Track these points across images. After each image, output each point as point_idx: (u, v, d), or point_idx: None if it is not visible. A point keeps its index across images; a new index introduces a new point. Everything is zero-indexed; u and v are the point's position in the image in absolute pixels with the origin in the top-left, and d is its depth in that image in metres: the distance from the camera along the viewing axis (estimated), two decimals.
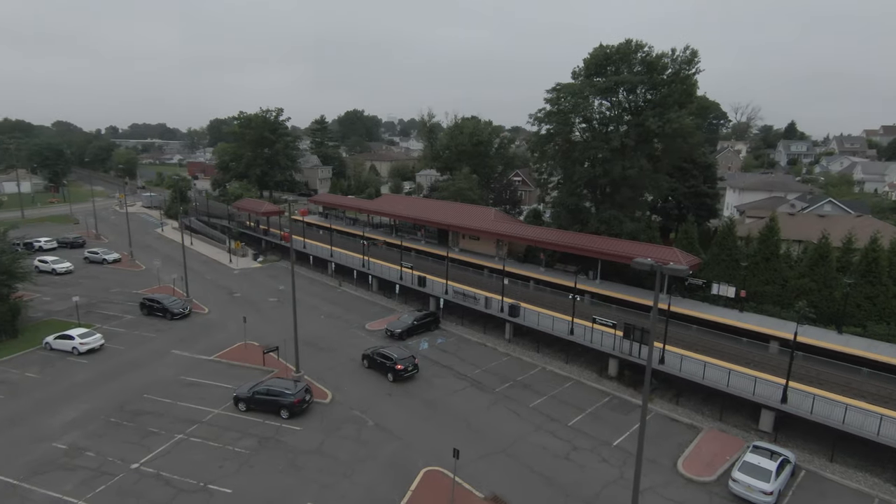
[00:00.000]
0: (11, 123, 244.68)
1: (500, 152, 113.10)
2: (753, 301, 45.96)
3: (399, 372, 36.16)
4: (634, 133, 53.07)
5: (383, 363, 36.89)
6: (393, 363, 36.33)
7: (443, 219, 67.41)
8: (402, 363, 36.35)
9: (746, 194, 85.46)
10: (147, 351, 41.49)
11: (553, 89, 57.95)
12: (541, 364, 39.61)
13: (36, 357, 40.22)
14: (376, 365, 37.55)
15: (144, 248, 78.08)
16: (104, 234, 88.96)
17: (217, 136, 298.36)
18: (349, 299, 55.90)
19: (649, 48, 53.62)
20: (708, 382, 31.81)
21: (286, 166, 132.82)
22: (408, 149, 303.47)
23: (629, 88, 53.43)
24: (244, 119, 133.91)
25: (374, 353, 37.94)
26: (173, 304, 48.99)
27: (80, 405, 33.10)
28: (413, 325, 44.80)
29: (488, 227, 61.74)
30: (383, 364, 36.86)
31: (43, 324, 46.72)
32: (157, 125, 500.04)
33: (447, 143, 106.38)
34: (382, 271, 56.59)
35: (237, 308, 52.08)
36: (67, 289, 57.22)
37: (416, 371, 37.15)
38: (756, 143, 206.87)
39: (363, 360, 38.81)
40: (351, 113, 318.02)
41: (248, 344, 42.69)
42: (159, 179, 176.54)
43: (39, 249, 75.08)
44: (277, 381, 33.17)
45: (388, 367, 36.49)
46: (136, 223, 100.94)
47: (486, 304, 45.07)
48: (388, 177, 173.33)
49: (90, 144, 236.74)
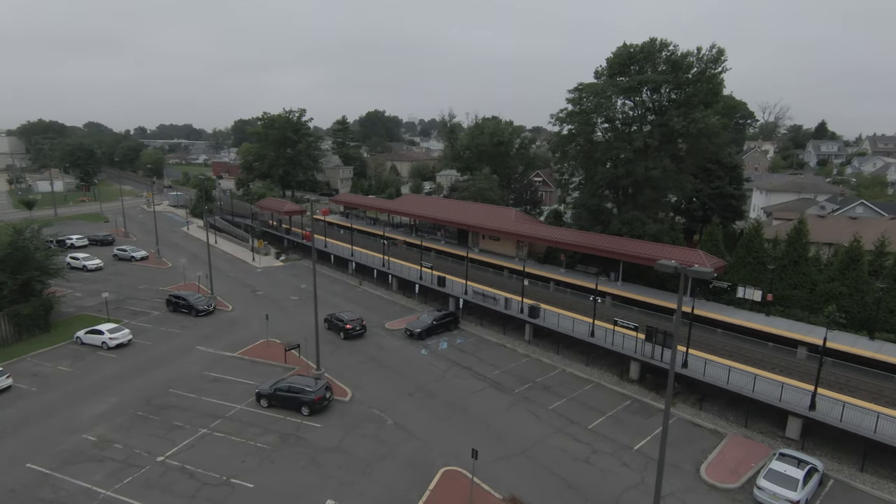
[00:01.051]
0: (45, 124, 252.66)
1: (521, 153, 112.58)
2: (781, 305, 44.87)
3: (349, 331, 44.36)
4: (658, 133, 52.32)
5: (337, 324, 45.03)
6: (344, 324, 44.53)
7: (463, 219, 67.42)
8: (352, 324, 44.58)
9: (774, 195, 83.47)
10: (173, 347, 42.46)
11: (575, 89, 57.49)
12: (561, 366, 39.33)
13: (67, 351, 41.51)
14: (333, 326, 45.71)
15: (171, 246, 79.89)
16: (132, 232, 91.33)
17: (241, 136, 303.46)
18: (369, 298, 56.31)
19: (674, 47, 52.84)
20: (733, 387, 31.18)
21: (308, 166, 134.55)
22: (428, 149, 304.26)
23: (653, 88, 52.71)
24: (267, 120, 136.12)
25: (332, 317, 46.24)
26: (198, 301, 50.01)
27: (109, 398, 34.03)
28: (432, 325, 44.91)
29: (508, 228, 61.54)
30: (337, 325, 45.03)
31: (74, 318, 48.17)
32: (183, 126, 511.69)
33: (467, 143, 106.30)
34: (402, 271, 56.88)
35: (260, 306, 52.91)
36: (97, 285, 58.87)
37: (364, 331, 45.23)
38: (784, 143, 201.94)
39: (325, 323, 46.21)
40: (372, 113, 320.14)
41: (270, 341, 43.34)
42: (185, 179, 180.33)
43: (71, 246, 77.42)
44: (299, 378, 33.60)
45: (341, 327, 44.68)
46: (162, 222, 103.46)
47: (506, 305, 44.93)
48: (409, 177, 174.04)
49: (119, 144, 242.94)
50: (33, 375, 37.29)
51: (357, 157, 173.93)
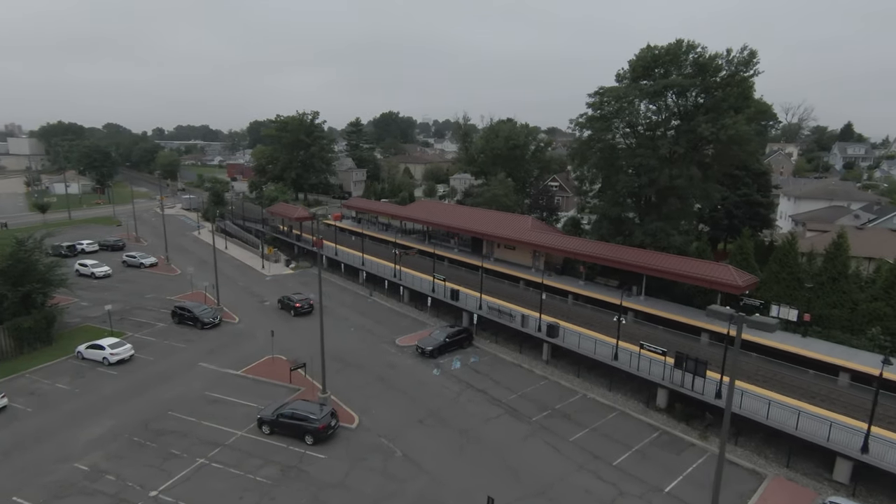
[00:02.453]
0: (64, 126, 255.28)
1: (537, 156, 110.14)
2: (818, 325, 41.86)
3: (298, 309, 51.37)
4: (684, 140, 49.50)
5: (287, 303, 52.35)
6: (293, 303, 51.74)
7: (477, 227, 65.15)
8: (301, 303, 51.67)
9: (803, 203, 79.81)
10: (175, 363, 40.88)
11: (595, 93, 54.86)
12: (581, 390, 36.90)
13: (68, 366, 40.15)
14: (284, 305, 52.94)
15: (181, 252, 78.86)
16: (144, 237, 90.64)
17: (256, 137, 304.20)
18: (380, 310, 54.33)
19: (702, 49, 49.98)
20: (773, 423, 28.53)
21: (321, 169, 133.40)
22: (442, 150, 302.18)
23: (679, 92, 49.88)
24: (280, 122, 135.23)
25: (284, 298, 53.32)
26: (204, 313, 48.49)
27: (106, 421, 32.46)
28: (445, 342, 42.75)
29: (525, 238, 59.13)
30: (288, 304, 52.28)
31: (78, 330, 46.93)
32: (200, 127, 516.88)
33: (482, 146, 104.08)
34: (414, 282, 54.79)
35: (266, 318, 51.25)
36: (104, 293, 57.74)
37: (312, 309, 51.63)
38: (808, 145, 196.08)
39: (278, 303, 53.96)
40: (386, 115, 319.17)
41: (275, 358, 41.58)
42: (199, 181, 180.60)
43: (82, 252, 76.79)
44: (302, 403, 31.67)
45: (290, 306, 51.91)
46: (174, 225, 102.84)
47: (523, 323, 42.59)
48: (422, 179, 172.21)
49: (136, 146, 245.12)
50: (30, 394, 35.92)
51: (370, 160, 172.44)
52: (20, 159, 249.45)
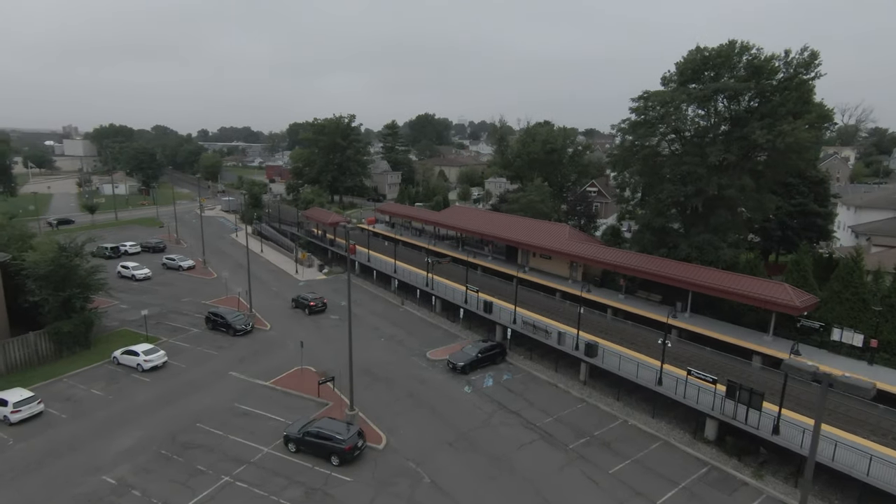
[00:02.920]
0: (115, 128, 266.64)
1: (575, 160, 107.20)
2: (887, 352, 38.25)
3: (312, 308, 53.82)
4: (736, 147, 46.40)
5: (302, 302, 54.73)
6: (308, 302, 54.26)
7: (512, 235, 63.31)
8: (315, 302, 54.28)
9: (864, 213, 74.28)
10: (206, 371, 40.83)
11: (640, 97, 52.33)
12: (622, 416, 34.70)
13: (103, 372, 40.65)
14: (298, 304, 55.26)
15: (218, 254, 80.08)
16: (184, 239, 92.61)
17: (295, 139, 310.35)
18: (411, 320, 53.25)
19: (758, 50, 46.77)
20: (840, 466, 25.78)
21: (356, 172, 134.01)
22: (477, 153, 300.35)
23: (731, 96, 46.80)
24: (317, 126, 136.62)
25: (298, 297, 55.86)
26: (236, 319, 48.52)
27: (136, 432, 32.42)
28: (477, 357, 41.24)
29: (562, 248, 56.95)
30: (303, 303, 54.60)
31: (115, 334, 47.71)
32: (242, 128, 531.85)
33: (518, 150, 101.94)
34: (447, 292, 53.45)
35: (298, 324, 50.98)
36: (143, 297, 58.85)
37: (325, 307, 54.85)
38: (866, 148, 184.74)
39: (292, 302, 56.34)
40: (422, 117, 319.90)
41: (304, 369, 40.99)
42: (239, 183, 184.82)
43: (125, 254, 78.94)
44: (329, 422, 30.75)
45: (305, 304, 54.34)
46: (213, 227, 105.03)
47: (560, 340, 40.62)
48: (457, 182, 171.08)
49: (181, 148, 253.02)
50: (67, 399, 36.41)
51: (405, 163, 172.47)
52: (74, 160, 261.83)
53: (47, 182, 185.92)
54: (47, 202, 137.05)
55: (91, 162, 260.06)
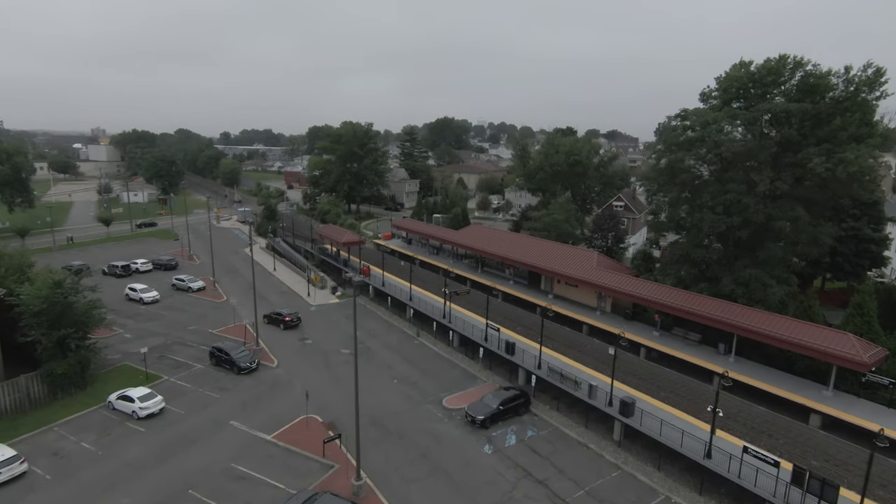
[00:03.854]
0: (138, 134, 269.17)
1: (600, 170, 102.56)
2: None
3: (287, 323, 55.04)
4: (789, 174, 41.77)
5: (276, 318, 55.68)
6: (283, 317, 55.15)
7: (536, 261, 59.32)
8: (290, 317, 55.46)
9: None
10: (206, 419, 37.85)
11: (677, 116, 48.00)
12: (664, 490, 30.53)
13: (97, 419, 37.97)
14: (272, 321, 56.12)
15: (230, 273, 77.79)
16: (197, 254, 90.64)
17: (314, 142, 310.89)
18: (427, 356, 49.69)
19: (813, 66, 42.02)
20: None
21: (373, 182, 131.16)
22: (497, 156, 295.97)
23: (782, 118, 42.12)
24: (334, 135, 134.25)
25: (272, 313, 56.69)
26: (241, 357, 45.59)
27: (122, 499, 29.47)
28: (498, 410, 37.42)
29: (590, 278, 52.79)
30: (277, 319, 55.69)
31: (115, 371, 45.20)
32: (263, 131, 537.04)
33: (541, 162, 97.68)
34: (465, 327, 49.72)
35: (307, 360, 47.92)
36: (149, 324, 56.56)
37: (300, 322, 56.22)
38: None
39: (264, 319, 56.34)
40: (441, 121, 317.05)
41: (309, 419, 37.73)
42: (257, 189, 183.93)
43: (136, 272, 77.09)
44: (332, 500, 27.32)
45: (279, 320, 55.42)
46: (227, 241, 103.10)
47: (590, 393, 36.58)
48: (476, 190, 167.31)
49: (202, 153, 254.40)
50: (54, 454, 33.72)
51: (424, 170, 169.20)
52: (98, 165, 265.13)
53: (70, 188, 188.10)
54: (66, 211, 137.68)
55: (115, 167, 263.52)
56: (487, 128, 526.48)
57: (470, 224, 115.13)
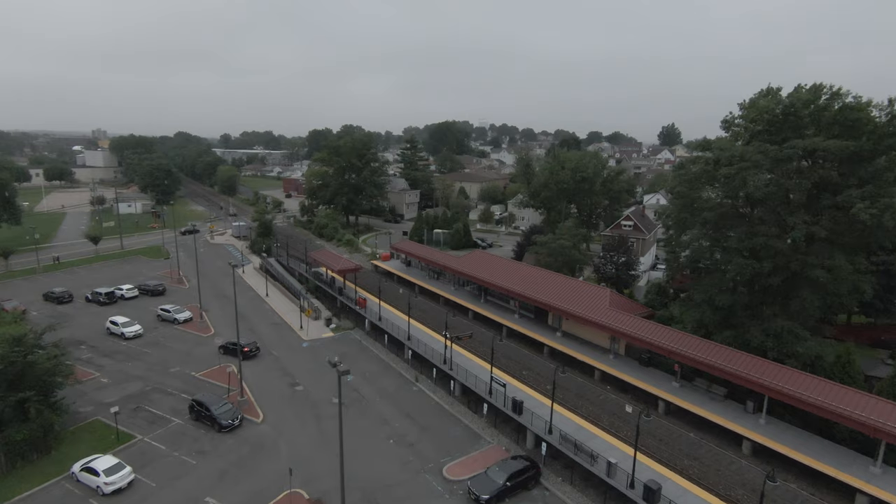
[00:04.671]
0: (136, 139, 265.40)
1: (607, 185, 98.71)
2: None
3: (246, 353, 52.54)
4: (827, 219, 37.70)
5: (232, 348, 53.14)
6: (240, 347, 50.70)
7: (542, 296, 55.31)
8: (249, 347, 53.56)
9: None
10: (179, 495, 33.94)
11: (700, 145, 44.05)
12: None
13: (57, 494, 34.07)
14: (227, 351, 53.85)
15: (220, 299, 74.00)
16: (187, 275, 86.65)
17: (315, 146, 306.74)
18: (426, 408, 45.72)
19: (854, 99, 37.98)
20: None
21: (373, 194, 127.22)
22: (500, 161, 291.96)
23: (823, 158, 38.03)
24: (332, 147, 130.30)
25: (228, 343, 54.37)
26: (223, 413, 41.65)
27: None
28: (505, 486, 33.43)
29: (602, 319, 48.80)
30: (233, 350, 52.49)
31: (85, 428, 41.33)
32: (264, 133, 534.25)
33: (546, 179, 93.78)
34: (468, 377, 45.72)
35: (295, 413, 44.06)
36: (129, 364, 52.82)
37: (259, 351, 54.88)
38: None
39: (220, 349, 55.05)
40: (442, 125, 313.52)
41: (293, 494, 33.81)
42: (255, 199, 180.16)
43: (121, 298, 73.32)
44: None
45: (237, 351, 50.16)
46: (220, 259, 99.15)
47: (609, 471, 32.59)
48: (478, 199, 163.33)
49: (199, 159, 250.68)
50: None
51: (424, 180, 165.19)
52: (95, 171, 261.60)
53: (64, 197, 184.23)
54: (57, 224, 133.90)
55: (111, 173, 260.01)
56: (489, 129, 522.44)
57: (471, 237, 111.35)
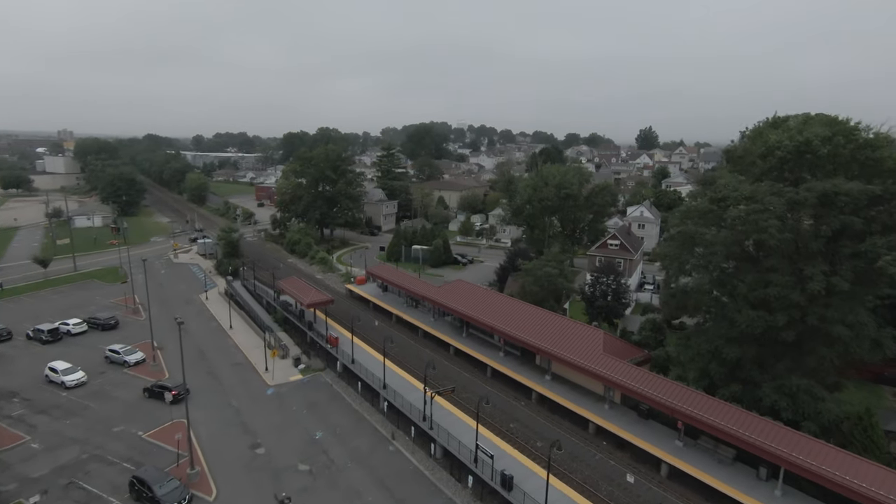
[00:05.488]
0: (99, 143, 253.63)
1: (591, 199, 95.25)
2: None
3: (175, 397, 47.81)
4: (847, 269, 33.98)
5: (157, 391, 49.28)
6: (169, 389, 48.12)
7: (532, 337, 50.86)
8: (177, 390, 48.08)
9: None
10: None
11: (703, 181, 40.04)
12: None
13: None
14: (153, 394, 49.77)
15: None
16: (144, 303, 79.73)
17: (290, 150, 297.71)
18: (404, 474, 40.73)
19: (875, 133, 34.36)
20: None
21: (347, 207, 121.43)
22: (479, 165, 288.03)
23: (844, 203, 34.16)
24: (304, 157, 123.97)
25: (153, 386, 50.02)
26: (168, 495, 35.88)
27: None
28: None
29: (596, 368, 44.56)
30: (159, 393, 49.17)
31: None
32: (238, 134, 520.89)
33: (529, 196, 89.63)
34: (451, 441, 40.86)
35: (255, 485, 38.64)
36: (67, 422, 46.81)
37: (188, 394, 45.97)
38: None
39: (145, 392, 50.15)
40: (420, 128, 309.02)
41: None
42: (224, 209, 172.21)
43: (67, 334, 66.57)
44: None
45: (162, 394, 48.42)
46: (182, 282, 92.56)
47: None
48: (458, 208, 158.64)
49: (168, 165, 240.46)
50: None
51: (402, 190, 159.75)
52: (56, 178, 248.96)
53: (19, 209, 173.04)
54: (9, 240, 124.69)
55: (74, 179, 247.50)
56: (468, 131, 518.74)
57: (451, 253, 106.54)
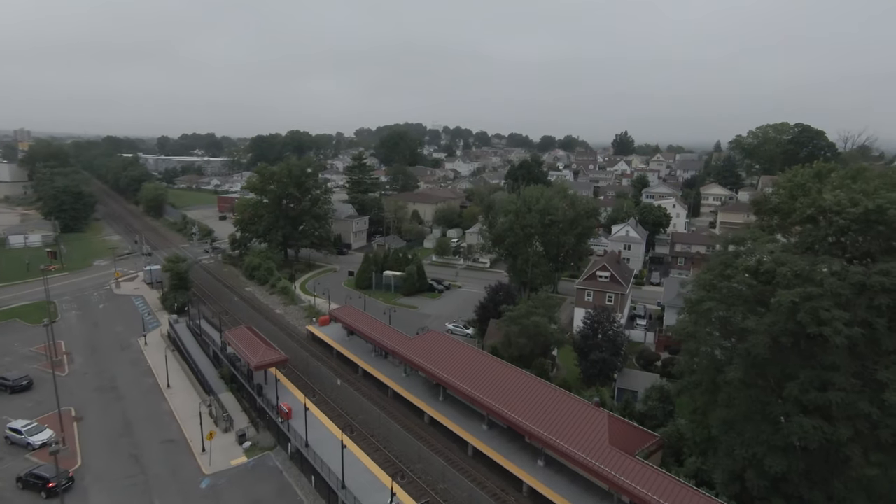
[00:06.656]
0: (49, 150, 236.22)
1: (578, 222, 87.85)
2: None
3: (51, 490, 39.94)
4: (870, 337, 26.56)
5: (34, 482, 41.42)
6: (46, 479, 40.62)
7: (520, 416, 42.53)
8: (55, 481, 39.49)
9: None
10: None
11: (729, 242, 32.36)
12: None
13: None
14: (28, 485, 41.96)
15: (106, 392, 57.81)
16: (71, 352, 68.95)
17: (258, 154, 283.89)
18: None
19: None
20: None
21: (313, 227, 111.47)
22: (455, 171, 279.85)
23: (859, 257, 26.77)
24: (266, 173, 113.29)
25: (27, 475, 41.75)
26: None
27: None
28: None
29: (601, 465, 36.39)
30: (36, 484, 41.47)
31: None
32: (206, 135, 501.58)
33: (511, 223, 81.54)
34: None
35: None
36: None
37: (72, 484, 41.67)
38: None
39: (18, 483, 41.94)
40: (395, 132, 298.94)
41: None
42: (182, 223, 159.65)
43: None
44: None
45: (39, 484, 41.00)
46: (121, 320, 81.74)
47: None
48: (433, 223, 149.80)
49: (124, 172, 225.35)
50: None
51: (374, 204, 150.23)
52: (1, 187, 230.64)
53: None
54: None
55: (20, 188, 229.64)
56: (443, 132, 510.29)
57: (426, 280, 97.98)
